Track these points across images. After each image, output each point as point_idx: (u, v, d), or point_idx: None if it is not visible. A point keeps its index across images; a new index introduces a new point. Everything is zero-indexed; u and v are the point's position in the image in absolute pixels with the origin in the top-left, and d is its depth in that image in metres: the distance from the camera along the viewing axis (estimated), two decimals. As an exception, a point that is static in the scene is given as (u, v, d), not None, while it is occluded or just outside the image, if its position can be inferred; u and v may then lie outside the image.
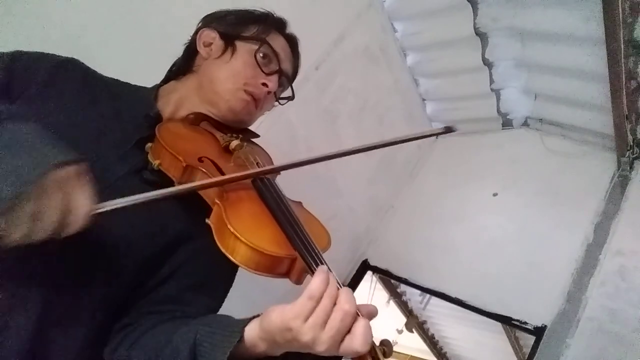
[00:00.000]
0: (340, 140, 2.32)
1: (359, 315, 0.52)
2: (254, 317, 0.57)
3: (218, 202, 0.64)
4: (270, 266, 0.60)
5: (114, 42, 1.31)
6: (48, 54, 0.76)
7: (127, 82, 0.85)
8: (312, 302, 0.51)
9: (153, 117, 0.78)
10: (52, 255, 0.60)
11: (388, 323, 4.40)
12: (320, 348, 0.50)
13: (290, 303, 0.52)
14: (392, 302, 3.70)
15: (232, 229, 0.59)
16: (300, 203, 0.81)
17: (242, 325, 0.56)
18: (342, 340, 0.50)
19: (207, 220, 0.64)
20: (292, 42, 0.92)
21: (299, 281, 0.62)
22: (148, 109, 0.79)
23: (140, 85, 0.87)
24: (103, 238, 0.64)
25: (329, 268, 0.57)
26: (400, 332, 4.49)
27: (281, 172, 0.88)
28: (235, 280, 0.81)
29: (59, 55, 0.77)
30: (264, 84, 0.83)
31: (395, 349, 5.37)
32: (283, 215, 0.66)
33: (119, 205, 0.57)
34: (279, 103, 0.94)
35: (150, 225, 0.69)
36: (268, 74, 0.84)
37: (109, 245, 0.65)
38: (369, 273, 2.65)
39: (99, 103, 0.75)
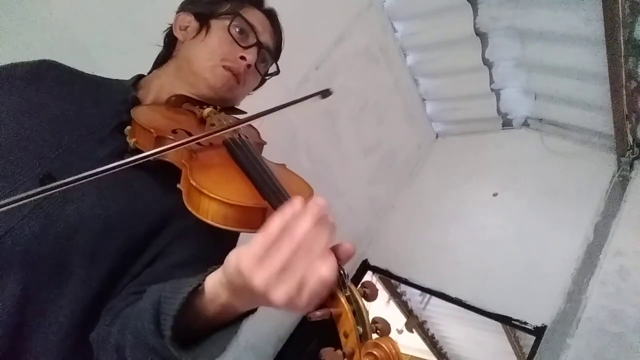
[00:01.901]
0: (340, 140, 2.32)
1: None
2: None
3: (185, 163, 0.62)
4: (240, 219, 0.56)
5: (113, 42, 1.31)
6: (20, 62, 0.76)
7: (107, 77, 0.85)
8: (266, 240, 0.43)
9: (130, 101, 0.77)
10: (29, 244, 0.60)
11: (388, 323, 4.39)
12: (275, 300, 0.42)
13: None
14: (392, 302, 3.69)
15: (194, 184, 0.56)
16: (283, 165, 0.79)
17: (205, 274, 0.51)
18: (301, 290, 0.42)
19: (178, 185, 0.62)
20: (271, 16, 0.89)
21: None
22: (126, 95, 0.79)
23: None
24: (78, 223, 0.63)
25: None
26: (400, 332, 4.48)
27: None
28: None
29: (32, 60, 0.77)
30: (242, 57, 0.81)
31: (395, 349, 5.35)
32: (253, 168, 0.63)
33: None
34: (265, 79, 0.92)
35: (129, 207, 0.68)
36: (246, 47, 0.82)
37: (84, 230, 0.63)
38: (369, 273, 2.65)
39: (78, 95, 0.76)
